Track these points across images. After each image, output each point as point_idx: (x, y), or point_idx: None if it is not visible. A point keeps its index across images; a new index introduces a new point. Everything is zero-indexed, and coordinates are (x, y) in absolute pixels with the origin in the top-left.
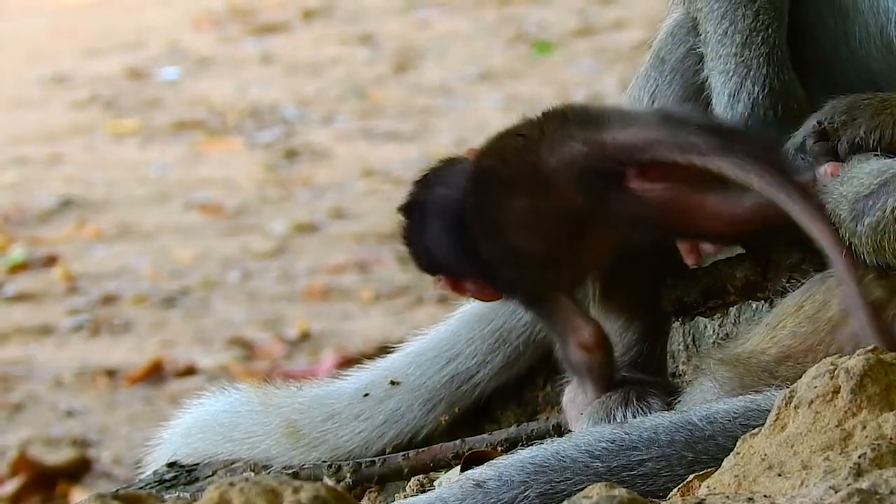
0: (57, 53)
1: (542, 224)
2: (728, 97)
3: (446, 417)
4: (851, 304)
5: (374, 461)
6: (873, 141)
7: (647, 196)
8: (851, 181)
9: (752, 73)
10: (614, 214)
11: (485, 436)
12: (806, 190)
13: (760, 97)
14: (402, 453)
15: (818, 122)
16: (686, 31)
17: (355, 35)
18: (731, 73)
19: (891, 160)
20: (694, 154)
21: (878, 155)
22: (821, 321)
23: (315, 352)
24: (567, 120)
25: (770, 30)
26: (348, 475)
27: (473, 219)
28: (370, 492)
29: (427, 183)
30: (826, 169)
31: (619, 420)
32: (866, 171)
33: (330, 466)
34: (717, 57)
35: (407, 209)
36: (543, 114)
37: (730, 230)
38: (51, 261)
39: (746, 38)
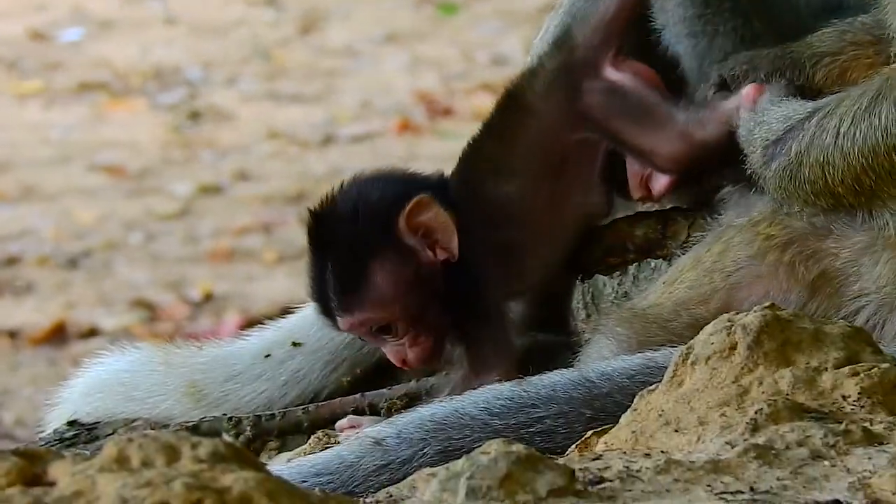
0: None
1: (532, 160)
2: (700, 59)
3: (348, 378)
4: None
5: (273, 415)
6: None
7: (615, 86)
8: (762, 126)
9: (721, 28)
10: (584, 111)
11: (384, 390)
12: None
13: (731, 56)
14: (301, 407)
15: (719, 76)
16: None
17: None
18: (698, 36)
19: (799, 104)
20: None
21: (787, 99)
22: (716, 271)
23: (218, 313)
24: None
25: None
26: (248, 429)
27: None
28: (270, 447)
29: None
30: (748, 91)
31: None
32: (775, 116)
33: (230, 419)
34: (681, 21)
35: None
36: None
37: (683, 150)
38: None
39: None
